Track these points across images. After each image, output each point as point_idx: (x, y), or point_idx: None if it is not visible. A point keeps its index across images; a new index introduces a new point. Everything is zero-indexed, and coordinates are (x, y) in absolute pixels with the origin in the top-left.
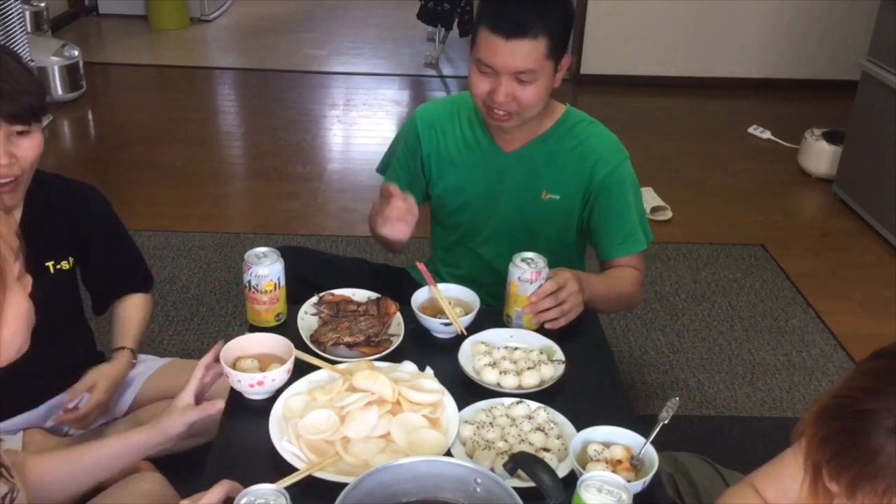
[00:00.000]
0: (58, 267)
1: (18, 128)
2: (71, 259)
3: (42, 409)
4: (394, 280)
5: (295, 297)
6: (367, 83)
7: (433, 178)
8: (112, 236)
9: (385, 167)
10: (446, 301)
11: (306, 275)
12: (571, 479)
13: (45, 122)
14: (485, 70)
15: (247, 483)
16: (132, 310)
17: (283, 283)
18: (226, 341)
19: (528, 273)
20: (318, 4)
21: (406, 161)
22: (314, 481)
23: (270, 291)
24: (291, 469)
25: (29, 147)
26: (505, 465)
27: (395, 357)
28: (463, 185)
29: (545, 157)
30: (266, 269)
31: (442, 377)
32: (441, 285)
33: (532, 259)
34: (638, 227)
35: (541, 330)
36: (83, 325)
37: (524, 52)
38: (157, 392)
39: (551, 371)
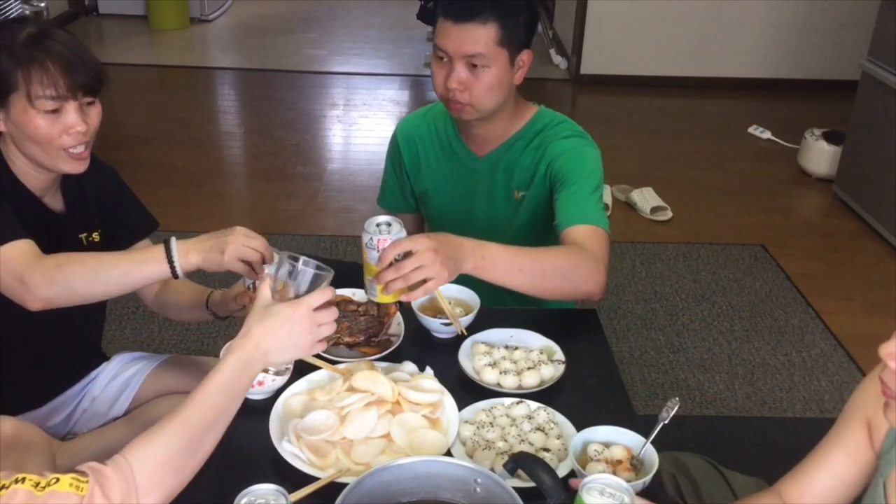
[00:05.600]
0: (90, 239)
1: (88, 98)
2: (99, 231)
3: (44, 409)
4: None
5: None
6: (367, 83)
7: (414, 186)
8: (124, 207)
9: (382, 198)
10: (446, 301)
11: None
12: (571, 479)
13: None
14: (440, 56)
15: (247, 483)
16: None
17: None
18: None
19: (374, 240)
20: (317, 4)
21: (395, 175)
22: (313, 480)
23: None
24: (291, 469)
25: (96, 116)
26: (505, 465)
27: (395, 357)
28: (440, 191)
29: (514, 157)
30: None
31: (442, 377)
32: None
33: (385, 224)
34: (588, 204)
35: (541, 329)
36: (103, 311)
37: (473, 36)
38: (157, 390)
39: (551, 371)
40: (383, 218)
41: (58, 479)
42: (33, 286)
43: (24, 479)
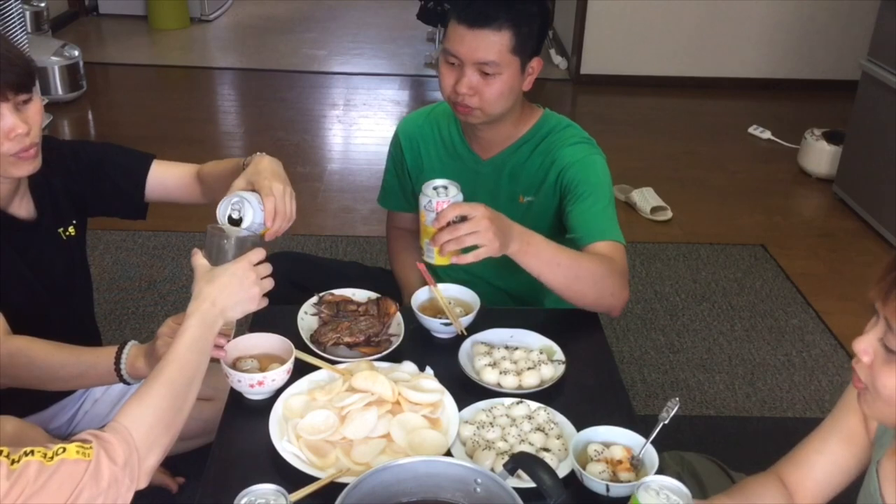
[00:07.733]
0: (67, 233)
1: (23, 96)
2: (74, 223)
3: (48, 412)
4: (392, 281)
5: (292, 303)
6: (367, 83)
7: (416, 186)
8: (109, 168)
9: (382, 197)
10: (446, 301)
11: (303, 280)
12: (571, 479)
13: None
14: (451, 60)
15: (247, 483)
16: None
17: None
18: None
19: (432, 202)
20: (318, 4)
21: (396, 175)
22: (313, 480)
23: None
24: (291, 469)
25: (36, 113)
26: (505, 465)
27: (395, 357)
28: None
29: (520, 162)
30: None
31: (442, 377)
32: (441, 285)
33: (443, 187)
34: (605, 218)
35: (541, 329)
36: (92, 314)
37: (487, 43)
38: None
39: (551, 371)
40: (440, 181)
41: (64, 449)
42: None
43: (32, 452)
